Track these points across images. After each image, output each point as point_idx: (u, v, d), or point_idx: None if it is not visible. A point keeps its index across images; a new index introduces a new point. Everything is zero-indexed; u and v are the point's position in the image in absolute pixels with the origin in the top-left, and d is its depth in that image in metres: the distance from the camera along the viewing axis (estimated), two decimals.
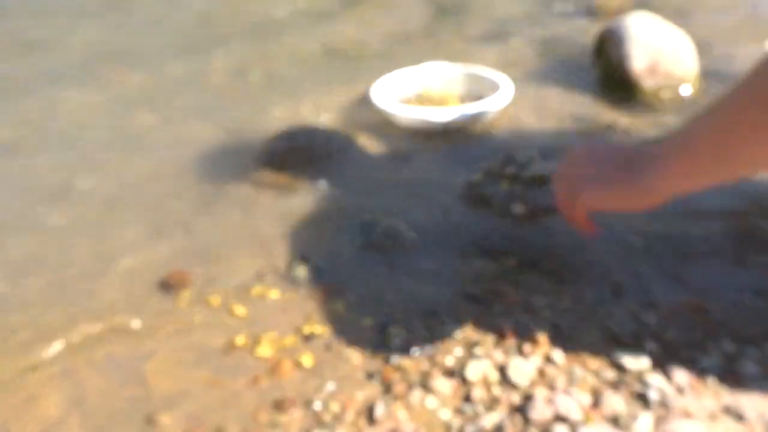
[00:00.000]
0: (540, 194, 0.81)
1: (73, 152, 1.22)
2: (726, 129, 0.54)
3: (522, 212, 0.82)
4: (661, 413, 0.61)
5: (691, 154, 0.57)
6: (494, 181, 0.87)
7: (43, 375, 0.71)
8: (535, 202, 0.82)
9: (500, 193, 0.82)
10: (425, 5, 1.90)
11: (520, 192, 0.83)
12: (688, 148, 0.57)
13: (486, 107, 1.17)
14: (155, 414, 0.65)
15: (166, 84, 1.48)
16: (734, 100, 0.54)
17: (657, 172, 0.60)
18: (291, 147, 1.13)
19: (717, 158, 0.55)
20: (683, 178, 0.58)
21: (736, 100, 0.54)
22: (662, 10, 1.48)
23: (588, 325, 0.72)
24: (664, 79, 1.26)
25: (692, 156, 0.57)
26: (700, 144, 0.56)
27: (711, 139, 0.55)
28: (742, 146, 0.53)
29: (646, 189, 0.61)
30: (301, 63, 1.56)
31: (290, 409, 0.64)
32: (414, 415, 0.63)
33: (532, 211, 0.82)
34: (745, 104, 0.52)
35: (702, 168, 0.57)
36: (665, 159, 0.59)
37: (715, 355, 0.67)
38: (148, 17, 1.94)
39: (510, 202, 0.84)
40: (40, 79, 1.56)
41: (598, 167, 0.67)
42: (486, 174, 0.90)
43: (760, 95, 0.51)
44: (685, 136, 0.58)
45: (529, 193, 0.82)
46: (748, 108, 0.52)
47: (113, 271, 0.87)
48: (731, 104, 0.54)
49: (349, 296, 0.80)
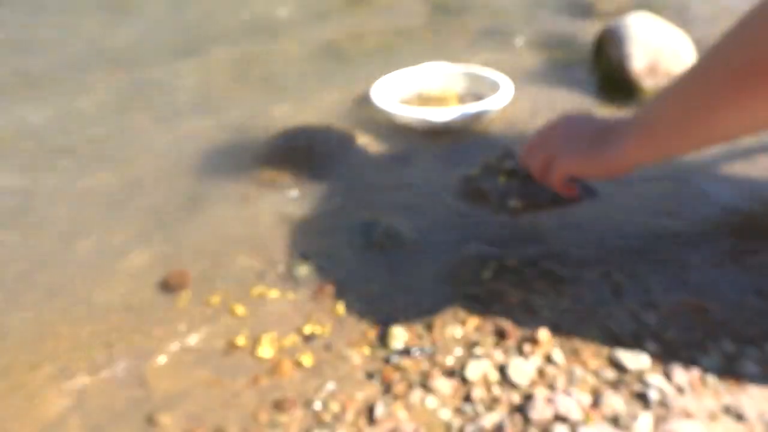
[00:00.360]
0: (537, 189, 0.81)
1: (73, 152, 1.22)
2: (689, 102, 0.58)
3: (518, 206, 0.82)
4: (661, 413, 0.61)
5: (656, 125, 0.62)
6: (491, 175, 0.87)
7: (43, 375, 0.71)
8: (533, 197, 0.82)
9: (497, 188, 0.83)
10: (425, 5, 1.90)
11: (517, 186, 0.83)
12: (654, 120, 0.63)
13: (486, 107, 1.17)
14: (155, 414, 0.65)
15: (165, 83, 1.48)
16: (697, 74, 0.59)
17: (626, 142, 0.65)
18: (291, 147, 1.13)
19: (680, 130, 0.61)
20: (649, 148, 0.64)
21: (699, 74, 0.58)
22: (662, 10, 1.48)
23: (588, 325, 0.72)
24: (663, 79, 1.26)
25: (657, 127, 0.62)
26: (664, 116, 0.61)
27: (674, 112, 0.60)
28: (704, 118, 0.57)
29: (615, 157, 0.67)
30: (301, 63, 1.56)
31: (290, 409, 0.64)
32: (414, 415, 0.63)
33: (528, 206, 0.82)
34: (707, 78, 0.56)
35: (666, 139, 0.62)
36: (636, 130, 0.65)
37: (715, 355, 0.67)
38: (147, 16, 1.94)
39: (506, 196, 0.84)
40: (41, 78, 1.56)
41: (572, 137, 0.72)
42: (484, 168, 0.90)
43: (720, 70, 0.54)
44: (652, 108, 0.64)
45: (527, 188, 0.82)
46: (709, 82, 0.56)
47: (113, 271, 0.87)
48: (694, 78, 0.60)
49: (349, 296, 0.80)
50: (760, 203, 0.92)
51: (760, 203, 0.92)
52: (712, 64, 0.56)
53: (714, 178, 1.01)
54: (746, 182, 0.98)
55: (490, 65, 1.35)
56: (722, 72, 0.54)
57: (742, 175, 1.01)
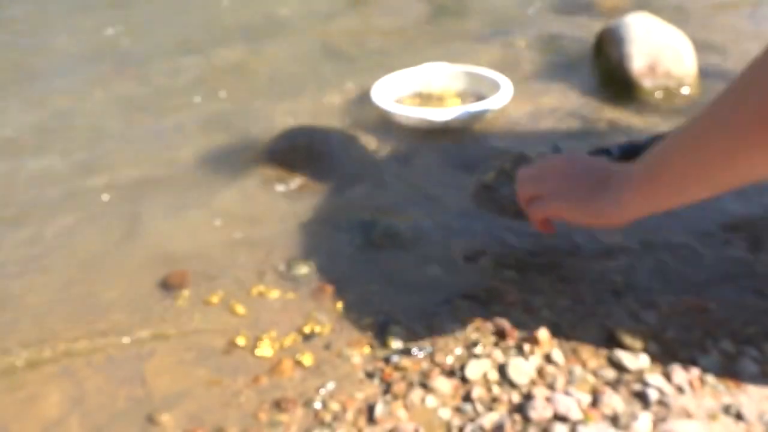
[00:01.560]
0: None
1: (73, 152, 1.22)
2: (705, 147, 0.55)
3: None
4: (660, 412, 0.61)
5: (663, 174, 0.60)
6: (507, 180, 0.86)
7: (43, 374, 0.71)
8: None
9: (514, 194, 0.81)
10: (425, 5, 1.90)
11: None
12: (660, 169, 0.60)
13: (486, 107, 1.17)
14: (155, 414, 0.65)
15: (165, 83, 1.48)
16: (712, 119, 0.55)
17: (626, 193, 0.62)
18: (291, 146, 1.13)
19: (694, 177, 0.57)
20: (651, 200, 0.61)
21: (714, 118, 0.55)
22: (662, 10, 1.48)
23: (588, 325, 0.72)
24: (663, 79, 1.26)
25: (664, 176, 0.59)
26: (674, 164, 0.58)
27: (685, 158, 0.57)
28: (725, 164, 0.54)
29: (612, 207, 0.64)
30: (302, 62, 1.56)
31: (290, 409, 0.64)
32: (414, 415, 0.63)
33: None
34: (725, 121, 0.53)
35: (675, 188, 0.59)
36: (638, 179, 0.62)
37: (715, 354, 0.67)
38: (147, 16, 1.94)
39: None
40: (40, 78, 1.56)
41: (570, 181, 0.69)
42: (499, 173, 0.89)
43: (725, 122, 0.52)
44: (657, 157, 0.61)
45: None
46: (728, 125, 0.52)
47: (114, 271, 0.87)
48: (708, 123, 0.56)
49: (349, 296, 0.80)
50: (759, 204, 0.92)
51: (759, 204, 0.92)
52: (728, 108, 0.53)
53: None
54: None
55: (490, 65, 1.35)
56: (744, 113, 0.51)
57: None
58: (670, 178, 0.59)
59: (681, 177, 0.58)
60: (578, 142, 1.14)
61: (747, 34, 1.49)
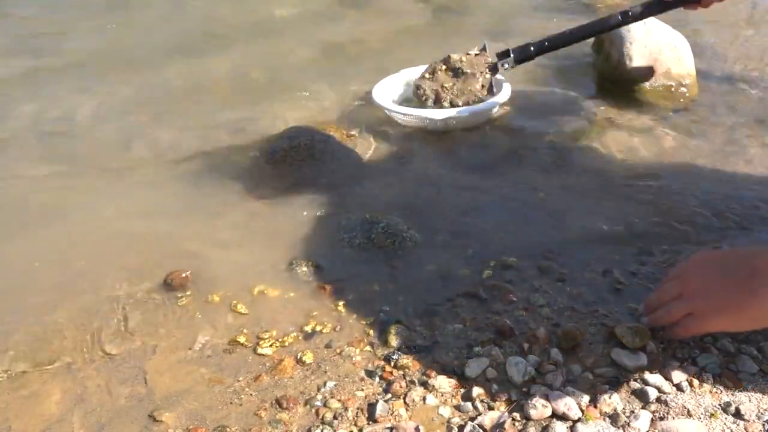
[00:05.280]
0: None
1: (72, 152, 1.22)
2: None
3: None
4: (659, 411, 0.61)
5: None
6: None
7: (45, 373, 0.71)
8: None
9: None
10: (426, 5, 1.91)
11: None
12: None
13: (485, 106, 1.18)
14: (157, 412, 0.65)
15: (165, 83, 1.48)
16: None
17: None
18: (291, 146, 1.13)
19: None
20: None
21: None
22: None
23: (588, 324, 0.72)
24: (663, 78, 1.27)
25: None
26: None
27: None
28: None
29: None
30: (302, 63, 1.56)
31: (291, 407, 0.65)
32: (414, 413, 0.63)
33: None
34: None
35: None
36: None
37: (714, 353, 0.67)
38: (148, 17, 1.94)
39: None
40: (40, 78, 1.56)
41: (711, 287, 0.61)
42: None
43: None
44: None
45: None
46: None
47: (115, 270, 0.87)
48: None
49: (349, 295, 0.80)
50: (758, 204, 0.92)
51: (758, 205, 0.92)
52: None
53: (713, 178, 1.01)
54: (746, 183, 0.99)
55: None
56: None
57: (742, 175, 1.01)
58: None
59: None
60: (578, 142, 1.15)
61: (745, 35, 1.50)
